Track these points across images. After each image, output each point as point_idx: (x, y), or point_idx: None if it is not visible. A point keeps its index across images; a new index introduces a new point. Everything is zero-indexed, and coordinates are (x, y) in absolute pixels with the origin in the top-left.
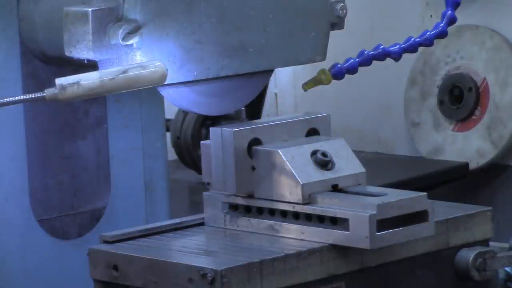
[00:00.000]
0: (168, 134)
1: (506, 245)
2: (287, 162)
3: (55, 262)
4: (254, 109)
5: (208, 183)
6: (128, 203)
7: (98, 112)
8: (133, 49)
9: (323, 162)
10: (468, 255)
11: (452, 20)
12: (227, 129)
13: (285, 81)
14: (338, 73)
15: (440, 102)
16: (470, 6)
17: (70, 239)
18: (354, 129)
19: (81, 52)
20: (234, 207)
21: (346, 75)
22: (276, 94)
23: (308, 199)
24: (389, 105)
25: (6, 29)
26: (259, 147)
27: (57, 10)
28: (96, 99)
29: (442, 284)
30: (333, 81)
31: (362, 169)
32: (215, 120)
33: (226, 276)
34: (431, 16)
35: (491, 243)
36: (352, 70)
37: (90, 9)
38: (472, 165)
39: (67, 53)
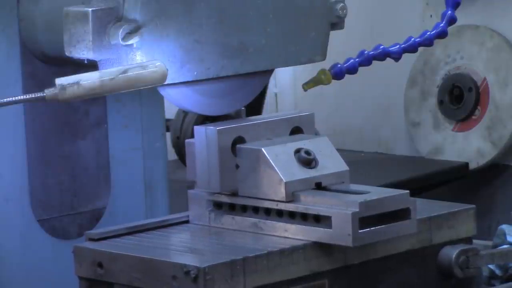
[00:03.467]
0: (168, 134)
1: (490, 243)
2: (270, 160)
3: (55, 262)
4: (254, 109)
5: (193, 181)
6: (128, 203)
7: (98, 112)
8: (133, 49)
9: (307, 160)
10: (451, 253)
11: (452, 20)
12: (211, 127)
13: (285, 81)
14: (338, 73)
15: (440, 102)
16: (470, 6)
17: (70, 239)
18: (354, 129)
19: (81, 52)
20: (218, 205)
21: (346, 75)
22: (276, 94)
23: (292, 197)
24: (389, 105)
25: (6, 29)
26: (243, 146)
27: (57, 10)
28: (96, 99)
29: (425, 281)
30: (333, 81)
31: (346, 167)
32: (215, 120)
33: (209, 273)
34: (431, 16)
35: (475, 241)
36: (352, 70)
37: (90, 9)
38: (472, 165)
39: (67, 53)
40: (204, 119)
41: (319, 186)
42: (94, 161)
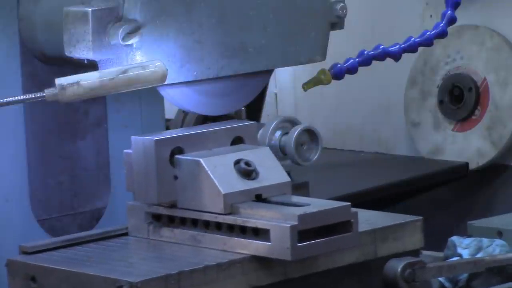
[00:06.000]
0: None
1: (441, 254)
2: (209, 172)
3: None
4: (254, 109)
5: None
6: None
7: (98, 112)
8: (133, 49)
9: (247, 172)
10: (397, 266)
11: (452, 20)
12: (149, 137)
13: (285, 81)
14: (338, 73)
15: (440, 102)
16: (470, 6)
17: None
18: (354, 129)
19: (81, 52)
20: (157, 217)
21: (346, 75)
22: (276, 94)
23: (230, 209)
24: (389, 105)
25: (6, 29)
26: (181, 156)
27: (57, 10)
28: (96, 99)
29: None
30: (333, 81)
31: (287, 179)
32: (215, 120)
33: None
34: (431, 16)
35: (425, 253)
36: (352, 70)
37: (90, 9)
38: (472, 165)
39: (67, 53)
40: (204, 119)
41: (259, 198)
42: (94, 161)
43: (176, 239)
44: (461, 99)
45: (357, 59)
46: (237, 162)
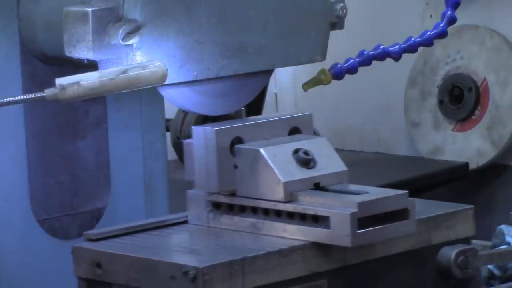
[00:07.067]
0: (168, 134)
1: (489, 243)
2: (269, 161)
3: (55, 262)
4: (254, 109)
5: (192, 182)
6: (128, 203)
7: (98, 112)
8: (133, 49)
9: (305, 161)
10: (450, 253)
11: (452, 20)
12: (210, 128)
13: (285, 81)
14: (338, 73)
15: (440, 102)
16: (470, 6)
17: (70, 239)
18: (354, 129)
19: (81, 52)
20: (217, 205)
21: (346, 75)
22: (276, 94)
23: (290, 197)
24: (389, 105)
25: (6, 29)
26: (241, 146)
27: (57, 10)
28: (96, 99)
29: (424, 281)
30: (333, 81)
31: (344, 168)
32: (215, 120)
33: (207, 273)
34: (431, 16)
35: (474, 241)
36: (352, 70)
37: (90, 9)
38: (472, 165)
39: (67, 53)
40: (204, 119)
41: (317, 187)
42: (94, 161)
43: (236, 226)
44: (461, 99)
45: (357, 59)
46: (295, 151)
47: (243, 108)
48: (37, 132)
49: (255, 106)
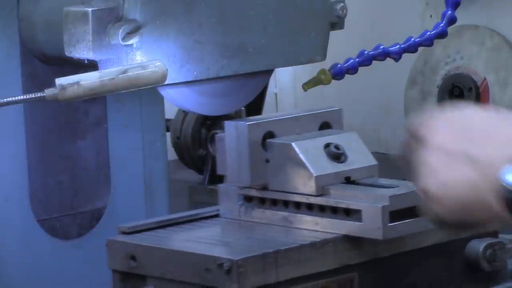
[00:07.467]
0: (168, 134)
1: None
2: (300, 155)
3: (55, 262)
4: (254, 109)
5: (223, 176)
6: (128, 203)
7: (98, 112)
8: (133, 49)
9: (336, 155)
10: (478, 246)
11: (452, 20)
12: (242, 122)
13: (285, 81)
14: (338, 73)
15: (440, 102)
16: (470, 6)
17: (70, 239)
18: (354, 129)
19: (81, 52)
20: (248, 199)
21: (346, 75)
22: (276, 94)
23: (322, 191)
24: (389, 105)
25: (6, 29)
26: (273, 140)
27: (57, 10)
28: (96, 99)
29: (453, 274)
30: (333, 81)
31: (374, 162)
32: (215, 120)
33: (242, 265)
34: (431, 16)
35: (501, 235)
36: (352, 70)
37: (90, 9)
38: None
39: (67, 53)
40: (204, 119)
41: (348, 180)
42: (94, 161)
43: (267, 220)
44: (461, 99)
45: (357, 59)
46: (326, 146)
47: (243, 108)
48: (37, 132)
49: (255, 106)
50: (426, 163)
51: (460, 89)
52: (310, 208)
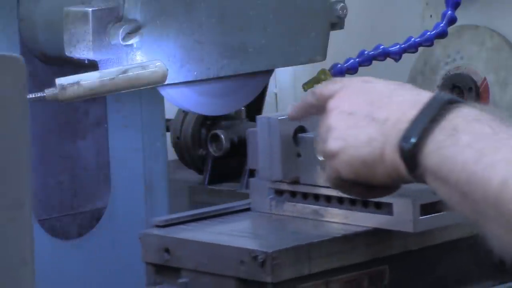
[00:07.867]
0: (168, 134)
1: None
2: None
3: (55, 262)
4: (254, 109)
5: (254, 170)
6: (128, 203)
7: (98, 112)
8: (133, 49)
9: None
10: None
11: (452, 20)
12: (273, 117)
13: (285, 81)
14: (338, 73)
15: None
16: (470, 6)
17: (70, 239)
18: None
19: (81, 52)
20: (279, 193)
21: (346, 75)
22: (276, 94)
23: None
24: None
25: (6, 29)
26: (304, 135)
27: (57, 10)
28: (96, 99)
29: (481, 267)
30: None
31: None
32: (215, 120)
33: (276, 258)
34: (431, 16)
35: None
36: (352, 70)
37: (90, 9)
38: None
39: (67, 53)
40: (204, 119)
41: None
42: (94, 161)
43: (298, 213)
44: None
45: (357, 59)
46: None
47: (243, 108)
48: (37, 132)
49: (255, 106)
50: (327, 124)
51: (460, 89)
52: (340, 201)
